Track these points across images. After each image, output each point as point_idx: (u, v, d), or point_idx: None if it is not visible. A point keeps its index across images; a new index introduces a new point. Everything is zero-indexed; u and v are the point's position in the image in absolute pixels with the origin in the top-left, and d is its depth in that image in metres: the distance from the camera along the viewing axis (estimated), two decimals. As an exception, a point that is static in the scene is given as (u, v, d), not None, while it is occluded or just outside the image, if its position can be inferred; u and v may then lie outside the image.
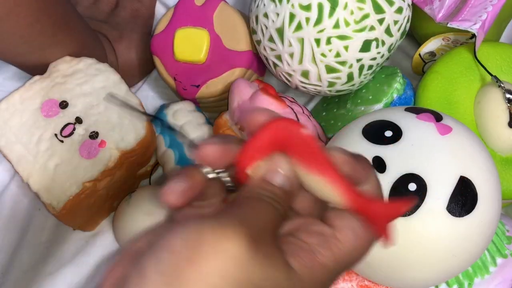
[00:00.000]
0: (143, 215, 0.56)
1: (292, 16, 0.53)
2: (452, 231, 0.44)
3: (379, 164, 0.44)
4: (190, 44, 0.60)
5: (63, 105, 0.55)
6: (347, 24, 0.52)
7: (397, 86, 0.57)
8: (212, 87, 0.60)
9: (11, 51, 0.53)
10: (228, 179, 0.32)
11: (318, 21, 0.52)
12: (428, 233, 0.43)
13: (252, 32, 0.58)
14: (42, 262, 0.58)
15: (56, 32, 0.53)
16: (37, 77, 0.56)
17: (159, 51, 0.61)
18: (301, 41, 0.53)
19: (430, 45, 0.61)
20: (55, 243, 0.59)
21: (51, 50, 0.55)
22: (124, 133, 0.54)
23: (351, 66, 0.54)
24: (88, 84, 0.55)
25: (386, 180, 0.44)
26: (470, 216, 0.44)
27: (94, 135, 0.54)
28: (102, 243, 0.59)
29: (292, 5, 0.53)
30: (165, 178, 0.51)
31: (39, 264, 0.58)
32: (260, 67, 0.63)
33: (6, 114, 0.55)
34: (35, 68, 0.56)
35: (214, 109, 0.64)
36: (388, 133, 0.46)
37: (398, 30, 0.55)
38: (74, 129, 0.54)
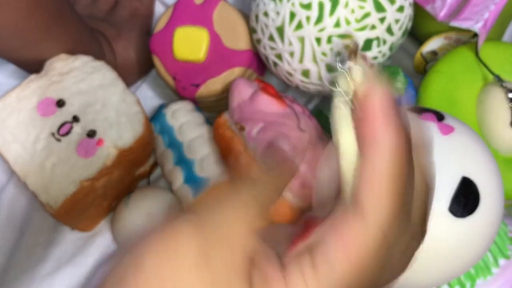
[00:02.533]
0: (142, 215, 0.56)
1: (292, 15, 0.53)
2: (454, 232, 0.43)
3: (381, 164, 0.44)
4: (190, 43, 0.60)
5: (60, 103, 0.55)
6: (348, 23, 0.52)
7: (398, 86, 0.57)
8: (211, 86, 0.59)
9: (4, 45, 0.53)
10: None
11: (319, 19, 0.52)
12: (430, 234, 0.43)
13: (252, 31, 0.58)
14: (40, 262, 0.58)
15: (51, 27, 0.53)
16: (33, 76, 0.56)
17: (158, 50, 0.61)
18: (302, 40, 0.53)
19: (432, 44, 0.61)
20: (53, 244, 0.59)
21: (46, 45, 0.54)
22: (121, 131, 0.54)
23: (352, 65, 0.54)
24: (84, 82, 0.55)
25: (388, 180, 0.43)
26: (473, 217, 0.43)
27: (91, 134, 0.54)
28: (100, 244, 0.59)
29: (293, 4, 0.52)
30: None
31: (37, 264, 0.58)
32: (260, 66, 0.62)
33: (3, 113, 0.55)
34: (30, 64, 0.55)
35: (213, 108, 0.63)
36: (390, 133, 0.46)
37: (400, 29, 0.54)
38: (71, 127, 0.54)
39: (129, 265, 0.24)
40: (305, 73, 0.55)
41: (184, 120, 0.59)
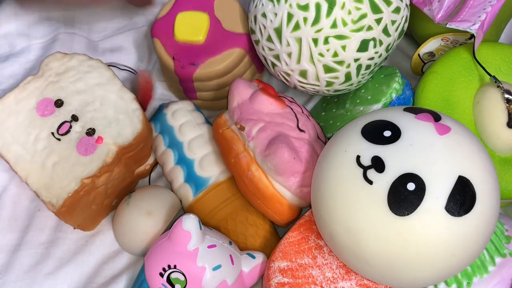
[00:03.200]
0: (142, 214, 0.56)
1: (290, 16, 0.53)
2: (450, 231, 0.44)
3: (378, 164, 0.45)
4: (191, 25, 0.61)
5: (58, 103, 0.55)
6: (344, 24, 0.52)
7: (396, 86, 0.57)
8: (210, 66, 0.60)
9: None
10: None
11: (316, 21, 0.52)
12: (426, 233, 0.43)
13: (250, 32, 0.59)
14: (42, 262, 0.58)
15: None
16: (30, 77, 0.57)
17: (160, 33, 0.62)
18: (299, 40, 0.53)
19: (429, 46, 0.61)
20: (55, 243, 0.59)
21: None
22: (120, 128, 0.54)
23: (348, 65, 0.54)
24: (81, 81, 0.56)
25: (385, 180, 0.44)
26: (469, 216, 0.44)
27: (90, 132, 0.54)
28: (102, 243, 0.59)
29: (290, 5, 0.53)
30: None
31: (39, 264, 0.58)
32: (260, 61, 0.63)
33: (2, 115, 0.55)
34: None
35: (211, 103, 0.64)
36: (387, 133, 0.46)
37: (396, 30, 0.55)
38: (70, 127, 0.55)
39: None
40: (303, 74, 0.55)
41: (184, 120, 0.60)
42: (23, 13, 0.69)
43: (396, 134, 0.46)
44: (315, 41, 0.53)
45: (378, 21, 0.53)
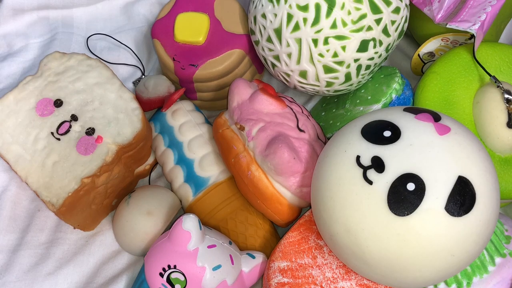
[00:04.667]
0: (142, 214, 0.56)
1: (289, 17, 0.53)
2: (450, 231, 0.44)
3: (378, 164, 0.45)
4: (191, 26, 0.61)
5: (58, 103, 0.55)
6: (344, 24, 0.52)
7: (396, 87, 0.57)
8: (210, 67, 0.60)
9: None
10: None
11: (316, 21, 0.52)
12: (426, 233, 0.43)
13: (250, 32, 0.59)
14: (42, 262, 0.58)
15: None
16: (29, 77, 0.57)
17: (160, 34, 0.62)
18: (299, 41, 0.53)
19: (429, 46, 0.61)
20: (55, 243, 0.59)
21: None
22: (120, 127, 0.54)
23: (348, 66, 0.54)
24: (80, 81, 0.56)
25: (385, 180, 0.44)
26: (469, 216, 0.44)
27: (90, 132, 0.54)
28: (102, 243, 0.60)
29: (290, 6, 0.53)
30: None
31: (39, 264, 0.58)
32: (260, 62, 0.63)
33: (2, 115, 0.55)
34: None
35: (211, 103, 0.64)
36: (387, 133, 0.46)
37: (396, 30, 0.55)
38: (70, 126, 0.55)
39: None
40: (303, 74, 0.56)
41: (184, 120, 0.60)
42: (21, 13, 0.69)
43: (396, 134, 0.46)
44: (315, 41, 0.53)
45: (378, 21, 0.53)
